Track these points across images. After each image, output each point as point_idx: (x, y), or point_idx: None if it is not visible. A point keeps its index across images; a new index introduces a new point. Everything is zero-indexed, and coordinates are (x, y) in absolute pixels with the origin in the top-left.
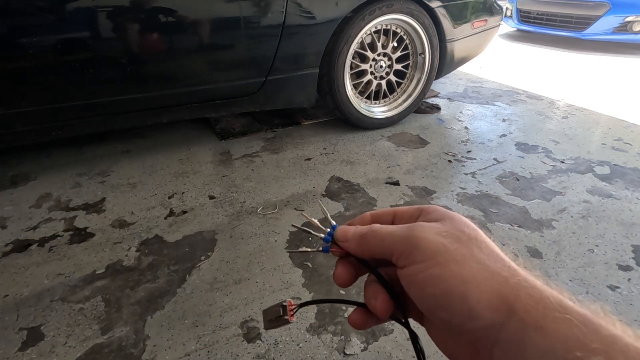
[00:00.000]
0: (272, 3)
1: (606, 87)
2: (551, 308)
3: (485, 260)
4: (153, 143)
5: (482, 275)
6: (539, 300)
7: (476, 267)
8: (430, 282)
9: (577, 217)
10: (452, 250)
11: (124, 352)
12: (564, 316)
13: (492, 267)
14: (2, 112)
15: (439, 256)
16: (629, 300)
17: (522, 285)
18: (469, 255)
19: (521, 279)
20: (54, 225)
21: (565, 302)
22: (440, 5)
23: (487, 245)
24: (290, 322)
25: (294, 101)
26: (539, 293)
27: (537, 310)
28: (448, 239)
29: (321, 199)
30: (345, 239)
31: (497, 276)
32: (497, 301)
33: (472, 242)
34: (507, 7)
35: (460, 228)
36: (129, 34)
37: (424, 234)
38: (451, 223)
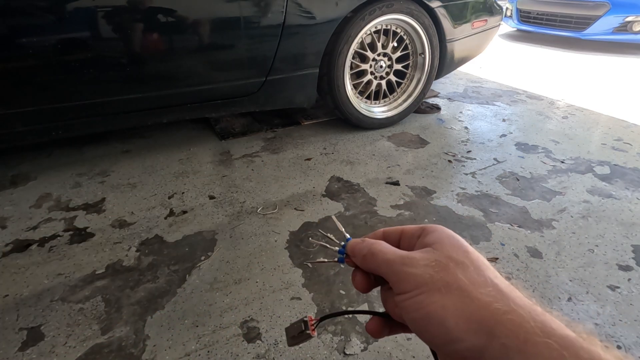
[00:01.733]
0: (272, 3)
1: (606, 87)
2: (532, 332)
3: (467, 287)
4: (153, 143)
5: (462, 302)
6: (519, 325)
7: (457, 294)
8: (414, 307)
9: (577, 217)
10: (437, 279)
11: (124, 352)
12: (544, 340)
13: (473, 294)
14: (2, 112)
15: (423, 286)
16: (629, 300)
17: (503, 310)
18: (453, 282)
19: (504, 303)
20: (54, 225)
21: (547, 325)
22: (440, 5)
23: (475, 270)
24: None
25: (294, 101)
26: (520, 318)
27: (518, 335)
28: (435, 269)
29: (318, 195)
30: (352, 254)
31: (477, 302)
32: (475, 326)
33: (458, 268)
34: (507, 7)
35: (448, 254)
36: (129, 34)
37: (412, 268)
38: (441, 249)
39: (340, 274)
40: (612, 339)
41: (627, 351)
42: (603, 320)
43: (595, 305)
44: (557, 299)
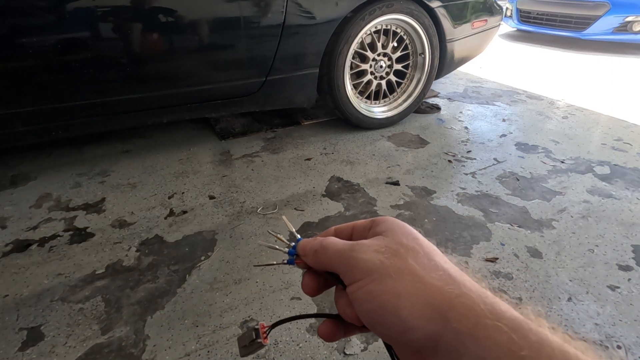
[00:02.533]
0: (272, 3)
1: (606, 87)
2: (482, 315)
3: (419, 272)
4: (153, 143)
5: (415, 287)
6: (470, 308)
7: (409, 279)
8: (367, 298)
9: (577, 217)
10: (388, 265)
11: (124, 352)
12: (494, 323)
13: (425, 278)
14: (2, 112)
15: (375, 273)
16: (629, 300)
17: (455, 293)
18: (404, 268)
19: (455, 287)
20: (54, 225)
21: (497, 308)
22: (440, 5)
23: (425, 255)
24: (264, 345)
25: (294, 101)
26: (470, 300)
27: (469, 318)
28: (386, 255)
29: (317, 195)
30: (303, 253)
31: (430, 287)
32: (430, 312)
33: (409, 254)
34: (507, 7)
35: (398, 240)
36: (129, 33)
37: (362, 253)
38: (392, 236)
39: None
40: (612, 339)
41: (627, 351)
42: (603, 320)
43: (595, 305)
44: (557, 299)
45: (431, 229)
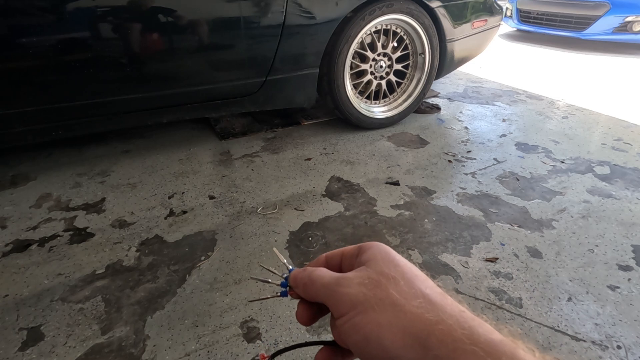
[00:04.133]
0: (272, 3)
1: (606, 87)
2: (460, 341)
3: (399, 301)
4: (153, 143)
5: (395, 317)
6: (448, 334)
7: (390, 309)
8: (353, 330)
9: (577, 217)
10: (370, 297)
11: (124, 352)
12: (471, 348)
13: (406, 307)
14: (2, 112)
15: (359, 306)
16: (629, 300)
17: (434, 320)
18: (385, 298)
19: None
20: (54, 225)
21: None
22: (440, 5)
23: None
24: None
25: (294, 101)
26: (448, 327)
27: (447, 344)
28: (368, 286)
29: (317, 195)
30: (295, 284)
31: (410, 315)
32: (410, 340)
33: (389, 283)
34: (507, 7)
35: (380, 270)
36: (129, 33)
37: (347, 288)
38: (374, 266)
39: None
40: (612, 339)
41: (627, 351)
42: (603, 320)
43: (595, 305)
44: (557, 299)
45: (431, 229)
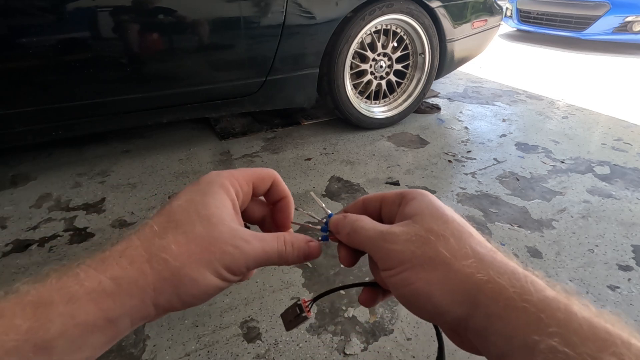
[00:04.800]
0: (272, 3)
1: (606, 87)
2: (511, 299)
3: (450, 260)
4: (153, 143)
5: (445, 275)
6: (499, 292)
7: (441, 268)
8: (401, 284)
9: (577, 217)
10: (419, 255)
11: (124, 352)
12: (522, 305)
13: (456, 266)
14: (2, 112)
15: (407, 262)
16: (629, 300)
17: (484, 280)
18: (435, 257)
19: (484, 273)
20: (54, 225)
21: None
22: (440, 5)
23: (455, 242)
24: (308, 318)
25: (294, 101)
26: (499, 286)
27: (498, 301)
28: (416, 244)
29: (317, 194)
30: (336, 230)
31: (460, 275)
32: (460, 297)
33: (439, 241)
34: (507, 7)
35: (428, 227)
36: (129, 34)
37: (393, 244)
38: (421, 222)
39: (340, 274)
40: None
41: None
42: None
43: (595, 305)
44: None
45: None
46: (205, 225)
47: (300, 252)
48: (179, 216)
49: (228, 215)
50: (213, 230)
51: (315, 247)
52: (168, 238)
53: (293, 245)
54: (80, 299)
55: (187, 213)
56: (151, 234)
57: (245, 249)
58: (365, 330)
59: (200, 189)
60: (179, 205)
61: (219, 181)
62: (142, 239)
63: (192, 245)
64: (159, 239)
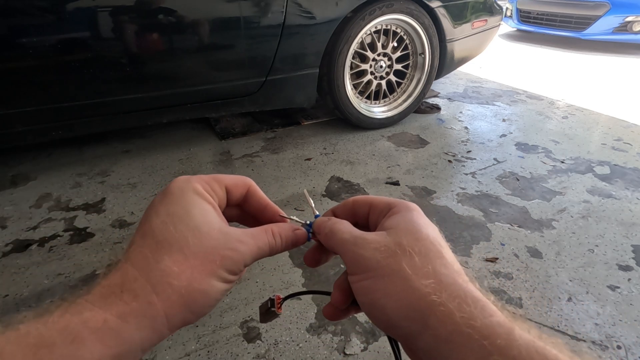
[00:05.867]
0: (272, 3)
1: (606, 87)
2: (457, 324)
3: (410, 277)
4: (153, 143)
5: (403, 290)
6: (449, 316)
7: (400, 283)
8: (361, 292)
9: (577, 217)
10: (383, 265)
11: None
12: (467, 331)
13: (415, 284)
14: (2, 112)
15: (371, 271)
16: (629, 300)
17: (438, 302)
18: (398, 270)
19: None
20: (54, 225)
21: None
22: (440, 5)
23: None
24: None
25: (294, 101)
26: (449, 310)
27: (446, 325)
28: (383, 254)
29: (317, 194)
30: (317, 232)
31: (417, 292)
32: (413, 314)
33: (405, 257)
34: (507, 7)
35: (398, 241)
36: (129, 34)
37: (362, 249)
38: (394, 235)
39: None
40: (612, 339)
41: (627, 351)
42: (603, 320)
43: (595, 305)
44: (557, 299)
45: None
46: (197, 236)
47: (289, 240)
48: (167, 234)
49: (215, 220)
50: (207, 239)
51: (302, 234)
52: (165, 261)
53: (281, 236)
54: (85, 339)
55: (175, 228)
56: (145, 260)
57: (242, 250)
58: (365, 330)
59: (175, 200)
60: (162, 222)
61: (190, 187)
62: (139, 268)
63: (192, 261)
64: (156, 264)
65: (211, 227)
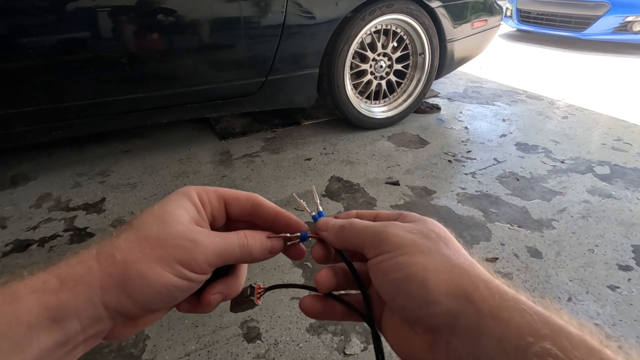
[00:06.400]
0: (272, 3)
1: (606, 87)
2: (506, 299)
3: (450, 255)
4: (153, 143)
5: (444, 265)
6: (495, 291)
7: (439, 258)
8: (394, 268)
9: (577, 217)
10: (419, 243)
11: (124, 352)
12: (518, 306)
13: (455, 260)
14: (2, 112)
15: (405, 247)
16: (629, 300)
17: (481, 277)
18: (435, 248)
19: (482, 272)
20: (54, 225)
21: (519, 295)
22: (440, 5)
23: (455, 244)
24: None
25: (294, 101)
26: (496, 285)
27: (493, 300)
28: (418, 235)
29: (318, 194)
30: (325, 228)
31: (458, 268)
32: (455, 290)
33: (440, 239)
34: (507, 7)
35: (430, 228)
36: (129, 34)
37: (395, 229)
38: (424, 224)
39: None
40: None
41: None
42: (603, 320)
43: (595, 305)
44: (557, 299)
45: None
46: (158, 224)
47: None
48: (137, 220)
49: (183, 215)
50: (167, 227)
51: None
52: (120, 238)
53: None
54: (24, 298)
55: (145, 217)
56: (108, 237)
57: (204, 242)
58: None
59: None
60: (141, 213)
61: (184, 190)
62: (99, 243)
63: (142, 243)
64: (113, 240)
65: (177, 220)
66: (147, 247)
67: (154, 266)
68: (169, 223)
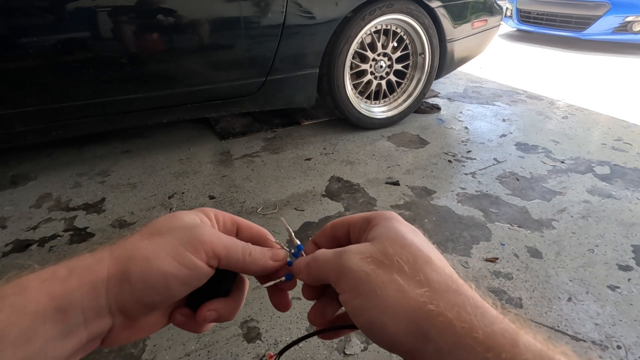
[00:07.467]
0: (272, 3)
1: (606, 87)
2: (459, 335)
3: (403, 287)
4: (153, 143)
5: (399, 303)
6: (449, 327)
7: (393, 295)
8: (357, 312)
9: (577, 217)
10: (372, 278)
11: (124, 352)
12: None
13: (409, 294)
14: (2, 112)
15: (360, 286)
16: (629, 300)
17: (436, 312)
18: (389, 282)
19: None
20: (54, 225)
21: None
22: (440, 5)
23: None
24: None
25: (294, 101)
26: (449, 320)
27: (447, 337)
28: (371, 266)
29: (317, 195)
30: (298, 271)
31: (413, 303)
32: (414, 329)
33: (393, 267)
34: (507, 7)
35: (384, 250)
36: (129, 34)
37: (349, 262)
38: (379, 244)
39: None
40: (612, 339)
41: (627, 351)
42: (603, 320)
43: (595, 305)
44: (557, 299)
45: (431, 229)
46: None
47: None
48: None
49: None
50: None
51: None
52: (135, 234)
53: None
54: (33, 289)
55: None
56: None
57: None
58: None
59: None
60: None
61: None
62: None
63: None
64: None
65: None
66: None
67: (159, 252)
68: (180, 219)
